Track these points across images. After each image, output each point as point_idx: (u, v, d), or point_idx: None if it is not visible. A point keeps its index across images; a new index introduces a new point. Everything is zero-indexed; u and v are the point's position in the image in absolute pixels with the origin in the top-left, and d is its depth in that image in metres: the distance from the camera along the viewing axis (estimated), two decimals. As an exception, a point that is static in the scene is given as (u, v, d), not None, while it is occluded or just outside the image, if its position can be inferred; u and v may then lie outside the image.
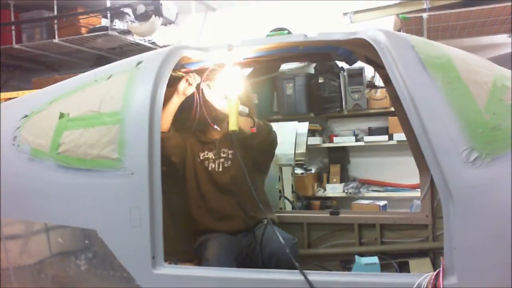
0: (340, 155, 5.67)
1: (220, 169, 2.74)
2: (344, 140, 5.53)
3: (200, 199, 2.75)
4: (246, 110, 2.58)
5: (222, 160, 2.74)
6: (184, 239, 2.76)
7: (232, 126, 2.36)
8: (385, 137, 5.30)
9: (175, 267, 2.00)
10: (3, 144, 2.27)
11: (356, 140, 5.49)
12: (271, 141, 2.78)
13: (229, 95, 2.44)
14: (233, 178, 2.69)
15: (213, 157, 2.77)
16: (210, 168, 2.75)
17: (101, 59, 5.93)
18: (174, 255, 2.39)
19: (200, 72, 2.60)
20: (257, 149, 2.70)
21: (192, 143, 2.83)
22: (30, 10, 5.58)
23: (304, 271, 1.77)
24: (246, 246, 2.68)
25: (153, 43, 5.72)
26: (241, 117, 2.46)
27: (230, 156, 2.76)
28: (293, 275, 1.79)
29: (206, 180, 2.75)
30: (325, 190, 5.53)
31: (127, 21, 5.32)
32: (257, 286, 1.85)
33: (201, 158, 2.79)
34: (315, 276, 1.78)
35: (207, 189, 2.74)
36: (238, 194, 2.67)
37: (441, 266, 1.68)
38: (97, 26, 5.42)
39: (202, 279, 1.91)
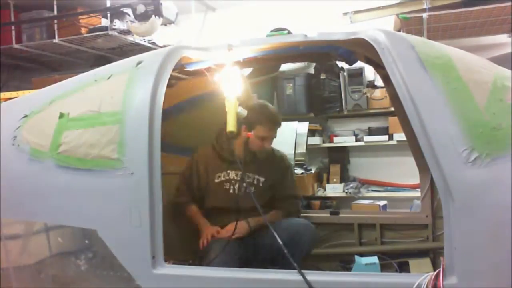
0: (340, 155, 5.66)
1: (241, 193, 2.68)
2: (344, 140, 5.52)
3: (211, 219, 2.73)
4: (245, 112, 2.58)
5: (245, 184, 2.67)
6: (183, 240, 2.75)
7: (230, 127, 2.35)
8: (385, 137, 5.29)
9: (175, 267, 1.99)
10: (3, 144, 2.27)
11: (356, 140, 5.48)
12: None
13: (228, 96, 2.43)
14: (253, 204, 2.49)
15: (235, 178, 2.73)
16: (231, 190, 2.73)
17: (101, 59, 5.92)
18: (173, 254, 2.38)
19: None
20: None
21: (208, 161, 2.79)
22: (30, 10, 5.57)
23: (303, 271, 1.77)
24: (252, 245, 2.67)
25: (153, 43, 5.72)
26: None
27: (254, 182, 2.74)
28: (292, 275, 1.79)
29: (224, 202, 2.71)
30: (325, 190, 5.52)
31: (127, 21, 5.31)
32: (256, 286, 1.85)
33: (220, 179, 2.76)
34: (314, 276, 1.78)
35: (222, 210, 2.69)
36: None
37: (441, 266, 1.67)
38: (97, 26, 5.42)
39: (202, 279, 1.91)
